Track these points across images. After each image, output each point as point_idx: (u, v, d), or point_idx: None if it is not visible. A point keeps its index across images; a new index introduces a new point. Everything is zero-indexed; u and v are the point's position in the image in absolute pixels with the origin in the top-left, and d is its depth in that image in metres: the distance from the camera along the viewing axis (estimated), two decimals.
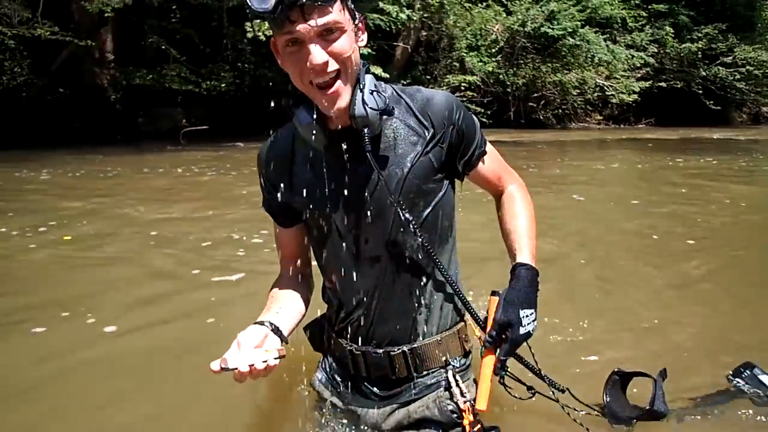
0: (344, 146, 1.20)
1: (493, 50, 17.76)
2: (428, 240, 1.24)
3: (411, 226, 1.19)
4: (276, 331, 1.20)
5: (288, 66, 1.13)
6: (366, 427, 1.39)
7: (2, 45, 11.78)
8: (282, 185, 1.30)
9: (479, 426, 1.24)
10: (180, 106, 14.37)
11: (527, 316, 1.19)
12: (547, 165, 9.39)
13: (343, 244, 1.27)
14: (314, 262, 1.46)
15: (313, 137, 1.18)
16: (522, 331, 1.17)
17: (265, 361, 1.10)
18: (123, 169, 8.21)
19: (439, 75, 17.11)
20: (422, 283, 1.29)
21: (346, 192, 1.23)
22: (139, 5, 11.94)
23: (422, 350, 1.32)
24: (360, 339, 1.34)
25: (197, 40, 13.68)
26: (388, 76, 13.81)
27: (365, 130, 1.15)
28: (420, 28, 16.54)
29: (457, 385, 1.31)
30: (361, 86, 1.16)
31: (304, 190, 1.26)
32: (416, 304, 1.30)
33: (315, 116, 1.16)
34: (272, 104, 12.99)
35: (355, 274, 1.28)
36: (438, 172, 1.26)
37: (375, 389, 1.36)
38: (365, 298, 1.29)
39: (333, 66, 1.09)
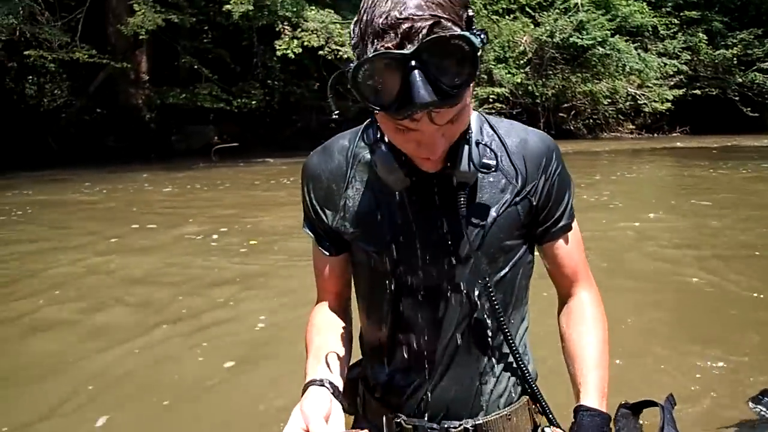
0: (424, 191, 1.02)
1: (522, 62, 17.68)
2: (502, 301, 1.07)
3: (489, 293, 1.03)
4: (337, 393, 0.99)
5: (387, 130, 0.90)
6: None
7: (43, 68, 12.26)
8: (332, 208, 1.09)
9: None
10: (212, 124, 14.69)
11: None
12: (646, 171, 9.79)
13: (402, 296, 1.07)
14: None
15: (393, 178, 0.97)
16: None
17: None
18: (224, 182, 8.90)
19: None
20: (493, 349, 1.10)
21: (414, 238, 1.03)
22: (173, 27, 12.29)
23: (488, 427, 1.10)
24: (410, 409, 1.11)
25: (228, 59, 13.98)
26: None
27: (461, 195, 0.98)
28: None
29: None
30: (469, 135, 0.95)
31: (361, 223, 1.06)
32: (483, 372, 1.10)
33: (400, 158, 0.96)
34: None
35: (415, 332, 1.08)
36: (523, 227, 1.07)
37: None
38: (424, 363, 1.09)
39: (445, 146, 0.91)
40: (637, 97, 19.65)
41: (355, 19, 0.82)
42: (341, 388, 1.01)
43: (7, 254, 4.50)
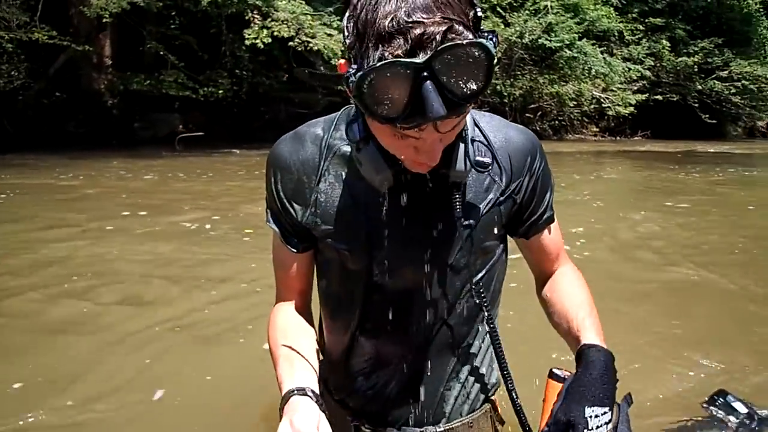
0: (410, 190, 0.96)
1: None
2: (476, 305, 1.03)
3: (480, 295, 1.00)
4: (320, 402, 0.92)
5: (381, 135, 0.83)
6: None
7: (0, 48, 11.78)
8: (302, 203, 1.01)
9: None
10: (177, 112, 14.38)
11: (597, 416, 0.86)
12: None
13: (373, 298, 1.02)
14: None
15: (379, 179, 0.90)
16: None
17: None
18: (204, 171, 8.90)
19: None
20: (461, 355, 1.06)
21: (394, 239, 0.98)
22: (139, 11, 11.97)
23: None
24: (371, 414, 1.08)
25: (196, 46, 13.70)
26: None
27: (456, 195, 0.92)
28: None
29: None
30: (464, 132, 0.90)
31: (334, 220, 0.99)
32: (449, 378, 1.07)
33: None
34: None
35: (383, 336, 1.03)
36: (503, 228, 1.03)
37: None
38: (389, 367, 1.05)
39: (442, 149, 0.84)
40: (602, 100, 20.06)
41: (348, 13, 0.74)
42: (319, 394, 0.95)
43: (9, 237, 4.53)
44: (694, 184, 8.84)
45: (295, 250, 1.06)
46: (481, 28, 0.74)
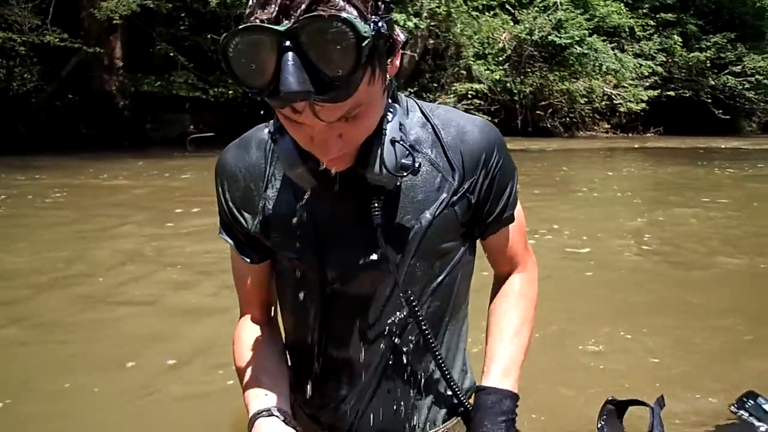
0: (345, 191, 0.90)
1: (501, 58, 17.75)
2: (438, 309, 0.99)
3: (413, 310, 0.95)
4: (288, 419, 0.90)
5: (281, 119, 0.79)
6: None
7: (12, 51, 11.89)
8: (251, 211, 0.97)
9: None
10: (188, 113, 14.46)
11: None
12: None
13: (330, 308, 0.97)
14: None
15: (296, 175, 0.86)
16: None
17: None
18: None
19: (446, 83, 17.12)
20: (429, 361, 1.02)
21: (338, 245, 0.93)
22: (148, 13, 12.04)
23: None
24: (343, 427, 1.04)
25: (205, 47, 13.77)
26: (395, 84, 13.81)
27: (374, 201, 0.87)
28: (427, 37, 16.56)
29: None
30: (384, 132, 0.82)
31: (280, 227, 0.95)
32: (421, 387, 1.03)
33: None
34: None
35: (345, 346, 0.99)
36: (462, 226, 0.97)
37: None
38: (355, 378, 1.00)
39: (345, 148, 0.78)
40: (613, 96, 19.89)
41: None
42: (290, 410, 0.92)
43: (78, 233, 4.71)
44: (727, 179, 8.76)
45: (249, 260, 1.02)
46: (380, 14, 0.69)
